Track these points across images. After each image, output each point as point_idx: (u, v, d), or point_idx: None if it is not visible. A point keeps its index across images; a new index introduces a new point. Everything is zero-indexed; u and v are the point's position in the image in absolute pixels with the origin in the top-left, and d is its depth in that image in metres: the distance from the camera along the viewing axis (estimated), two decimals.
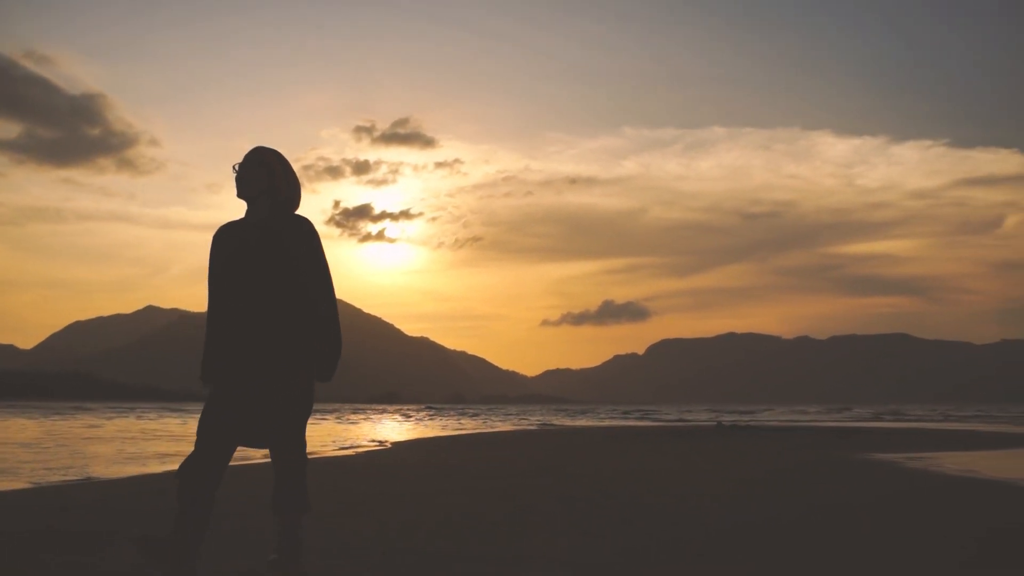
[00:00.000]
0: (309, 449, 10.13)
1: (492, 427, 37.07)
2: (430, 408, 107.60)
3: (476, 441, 23.22)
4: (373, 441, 21.73)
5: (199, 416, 4.25)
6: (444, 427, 36.07)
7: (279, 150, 4.59)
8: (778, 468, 13.06)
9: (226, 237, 4.47)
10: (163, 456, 15.53)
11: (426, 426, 37.20)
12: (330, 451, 17.94)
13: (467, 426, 38.30)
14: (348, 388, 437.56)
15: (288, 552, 4.27)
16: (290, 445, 4.31)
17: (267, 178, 4.46)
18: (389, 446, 19.95)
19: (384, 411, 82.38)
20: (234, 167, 4.51)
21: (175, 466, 13.10)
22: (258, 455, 13.04)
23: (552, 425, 40.31)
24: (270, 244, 4.33)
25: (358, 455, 16.40)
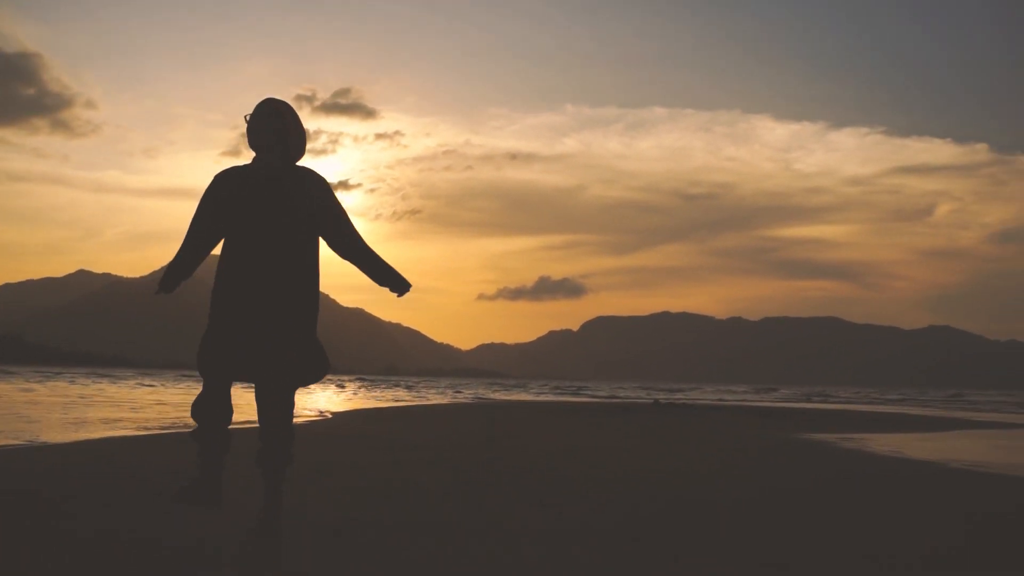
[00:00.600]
0: (245, 419, 10.12)
1: (427, 400, 37.05)
2: (362, 379, 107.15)
3: (414, 413, 23.19)
4: (311, 411, 21.60)
5: (197, 354, 4.45)
6: (379, 398, 35.97)
7: (219, 116, 4.61)
8: (721, 447, 13.22)
9: (231, 181, 4.60)
10: (109, 421, 15.33)
11: (362, 397, 37.07)
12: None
13: (403, 398, 38.24)
14: None
15: (271, 504, 4.52)
16: (284, 392, 4.51)
17: (280, 128, 4.57)
18: (329, 416, 19.86)
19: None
20: (245, 117, 4.61)
21: (122, 432, 13.00)
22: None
23: (487, 399, 40.38)
24: (282, 193, 4.52)
25: (296, 425, 16.31)
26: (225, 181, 4.62)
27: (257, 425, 4.59)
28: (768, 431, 18.01)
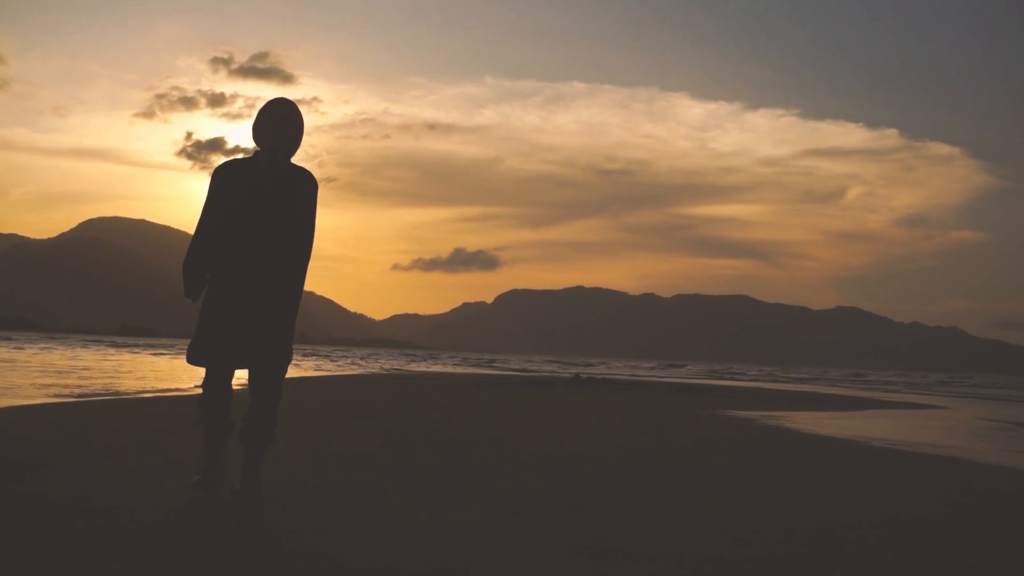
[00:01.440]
0: (174, 387, 10.14)
1: (351, 370, 37.02)
2: None
3: (340, 384, 23.23)
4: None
5: (190, 346, 4.82)
6: (298, 366, 35.81)
7: (133, 76, 4.74)
8: (660, 424, 13.54)
9: (235, 176, 4.82)
10: (44, 387, 15.18)
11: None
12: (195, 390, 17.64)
13: (325, 368, 38.16)
14: (191, 324, 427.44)
15: (250, 474, 4.78)
16: (273, 378, 4.85)
17: (290, 134, 4.86)
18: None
19: None
20: (266, 117, 4.84)
21: (59, 399, 12.88)
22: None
23: (407, 371, 40.39)
24: (282, 191, 4.77)
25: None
26: (229, 175, 4.83)
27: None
28: (692, 408, 18.38)
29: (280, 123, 4.80)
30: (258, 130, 4.82)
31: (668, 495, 5.94)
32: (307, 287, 5.06)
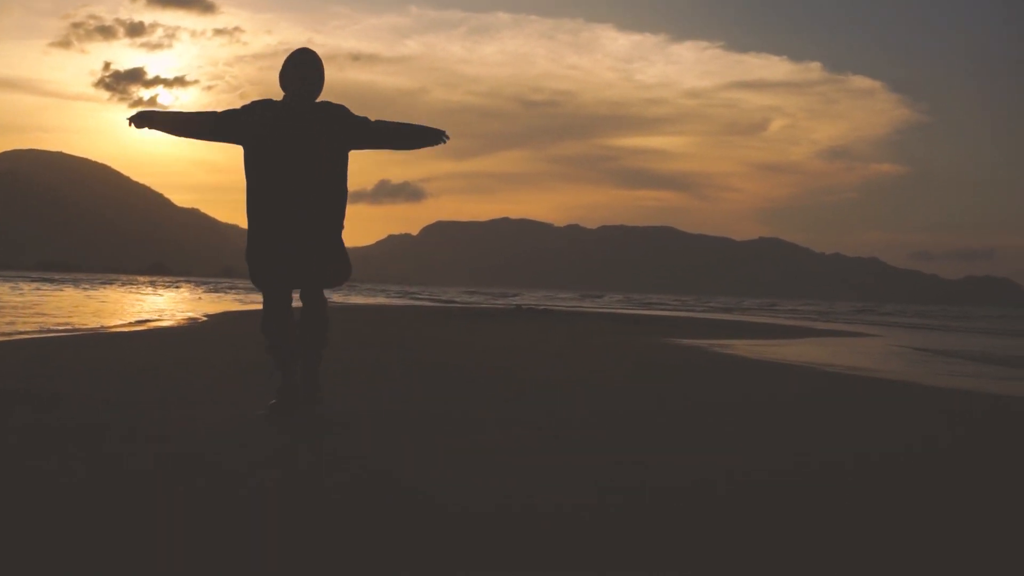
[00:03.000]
0: (112, 323, 10.41)
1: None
2: (204, 282, 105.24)
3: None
4: (185, 315, 21.68)
5: (250, 276, 5.48)
6: (242, 302, 35.72)
7: (47, 4, 5.24)
8: (621, 353, 14.15)
9: (265, 110, 5.44)
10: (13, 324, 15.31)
11: (223, 300, 36.83)
12: (139, 326, 17.79)
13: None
14: (114, 258, 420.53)
15: (310, 379, 5.59)
16: (318, 292, 5.58)
17: (311, 77, 5.43)
18: (204, 319, 19.89)
19: (156, 284, 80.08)
20: (291, 63, 5.43)
21: (15, 336, 13.07)
22: None
23: (347, 302, 40.32)
24: (308, 126, 5.35)
25: (186, 326, 16.60)
26: (259, 108, 5.46)
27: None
28: (640, 337, 19.03)
29: (305, 67, 5.40)
30: (284, 76, 5.40)
31: (679, 419, 6.57)
32: (231, 220, 5.56)
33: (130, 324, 16.59)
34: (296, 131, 5.30)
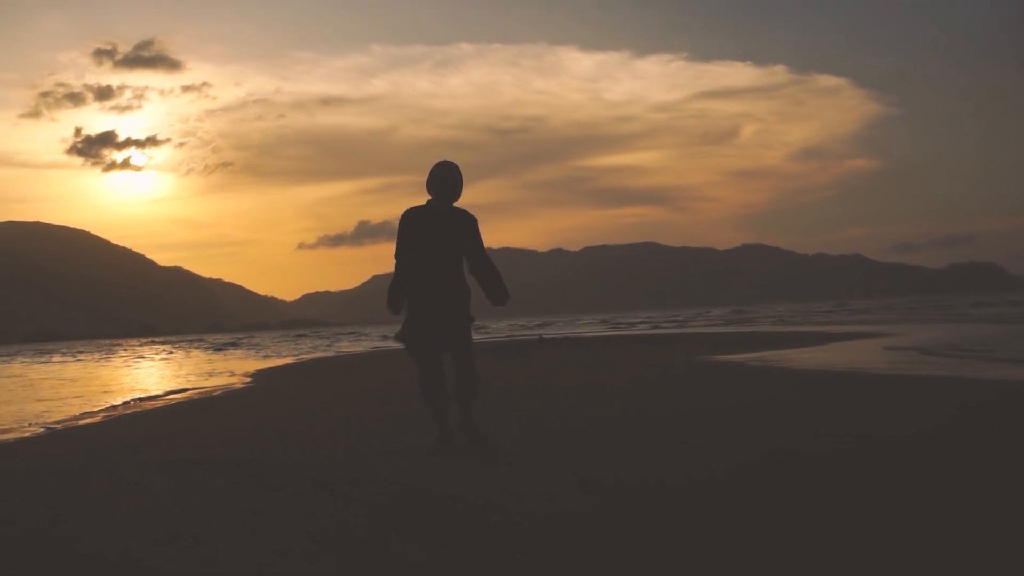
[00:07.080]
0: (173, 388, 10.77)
1: (298, 358, 37.38)
2: (200, 340, 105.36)
3: (334, 365, 24.02)
4: (239, 375, 21.98)
5: (405, 342, 7.03)
6: (267, 357, 36.00)
7: (14, 75, 5.91)
8: (666, 368, 14.67)
9: (418, 216, 7.04)
10: (81, 397, 15.70)
11: (246, 359, 37.08)
12: (190, 393, 18.15)
13: (288, 354, 38.31)
14: (101, 323, 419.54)
15: (470, 425, 7.06)
16: (468, 353, 7.05)
17: (454, 187, 7.05)
18: (248, 380, 20.23)
19: (154, 344, 79.85)
20: (436, 177, 7.03)
21: (106, 412, 13.33)
22: None
23: (383, 349, 40.41)
24: (449, 226, 7.00)
25: (225, 393, 17.03)
26: (414, 217, 7.05)
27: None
28: (679, 355, 19.56)
29: (446, 179, 6.99)
30: (431, 185, 7.00)
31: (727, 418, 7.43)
32: (215, 275, 6.14)
33: (199, 390, 16.95)
34: (437, 231, 6.93)
